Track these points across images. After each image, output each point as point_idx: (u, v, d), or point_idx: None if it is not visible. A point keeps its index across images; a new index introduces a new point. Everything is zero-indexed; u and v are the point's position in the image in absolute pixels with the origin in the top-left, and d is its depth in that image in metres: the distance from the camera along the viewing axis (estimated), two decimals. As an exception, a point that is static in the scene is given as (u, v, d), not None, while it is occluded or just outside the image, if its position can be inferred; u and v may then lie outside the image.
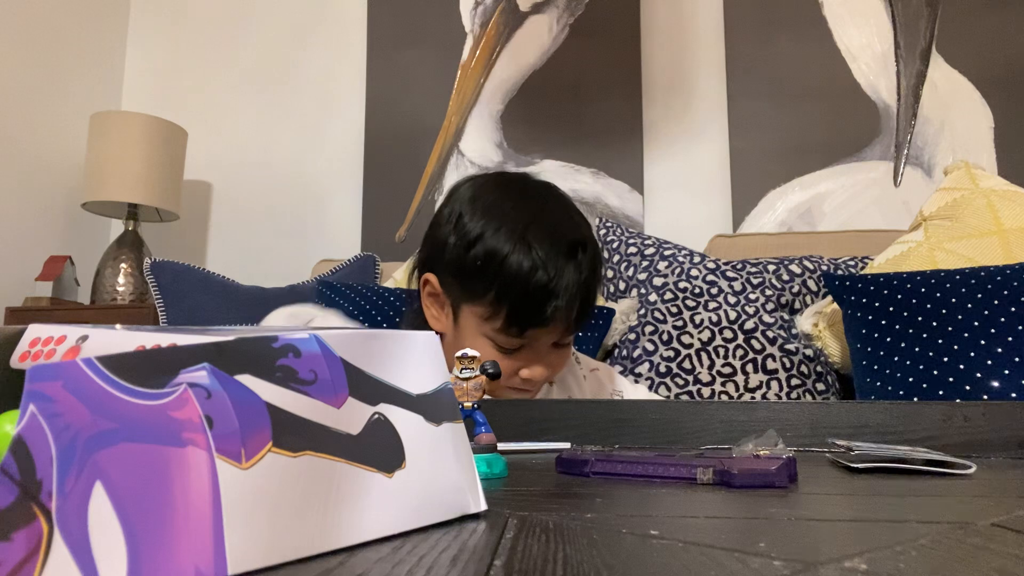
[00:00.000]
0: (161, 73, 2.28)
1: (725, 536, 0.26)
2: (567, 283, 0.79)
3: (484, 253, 0.79)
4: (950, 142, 1.81)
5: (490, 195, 0.84)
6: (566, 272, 0.79)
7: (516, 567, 0.21)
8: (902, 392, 1.06)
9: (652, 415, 0.65)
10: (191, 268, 1.68)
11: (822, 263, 1.40)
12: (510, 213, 0.81)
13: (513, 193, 0.85)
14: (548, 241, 0.79)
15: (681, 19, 2.02)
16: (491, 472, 0.42)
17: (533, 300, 0.78)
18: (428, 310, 0.88)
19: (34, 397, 0.19)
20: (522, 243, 0.79)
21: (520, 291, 0.78)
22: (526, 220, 0.80)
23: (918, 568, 0.21)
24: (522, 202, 0.83)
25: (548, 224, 0.81)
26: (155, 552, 0.19)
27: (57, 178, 2.06)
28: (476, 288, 0.80)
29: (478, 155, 2.04)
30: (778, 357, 1.24)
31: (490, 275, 0.79)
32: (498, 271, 0.78)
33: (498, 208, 0.82)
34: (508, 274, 0.78)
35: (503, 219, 0.81)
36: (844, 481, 0.42)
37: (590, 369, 1.02)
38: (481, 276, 0.80)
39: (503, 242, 0.79)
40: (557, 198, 0.87)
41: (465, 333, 0.85)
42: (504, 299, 0.79)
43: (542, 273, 0.78)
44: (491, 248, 0.79)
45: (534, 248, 0.78)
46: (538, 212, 0.82)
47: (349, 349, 0.26)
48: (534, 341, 0.83)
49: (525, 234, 0.79)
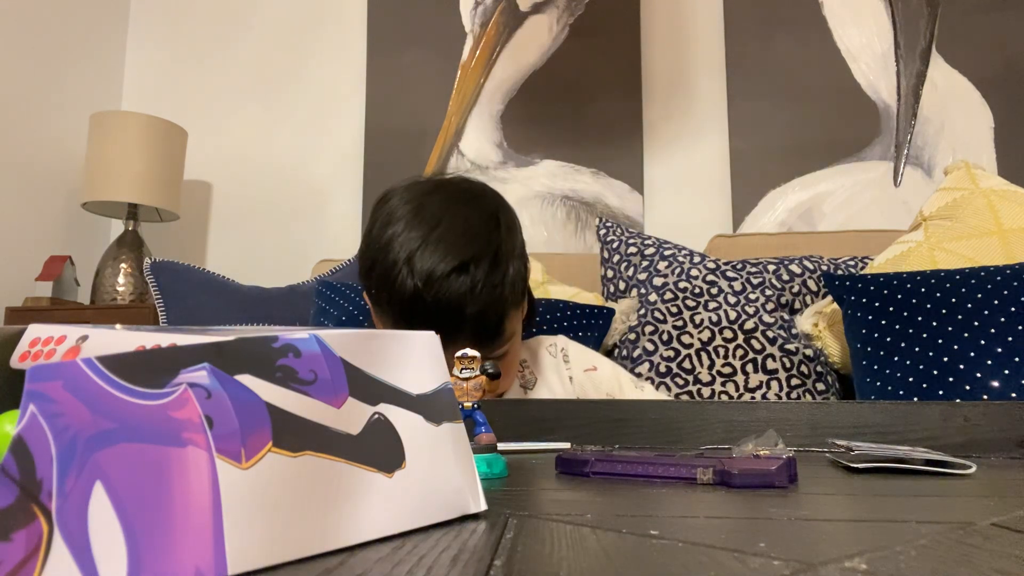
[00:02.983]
0: (161, 73, 2.28)
1: (725, 536, 0.26)
2: (451, 302, 0.82)
3: (376, 277, 0.86)
4: (950, 142, 1.81)
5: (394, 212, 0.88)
6: (450, 292, 0.82)
7: (516, 567, 0.21)
8: (902, 392, 1.06)
9: (652, 415, 0.65)
10: (191, 268, 1.68)
11: (822, 263, 1.40)
12: (400, 235, 0.85)
13: (410, 211, 0.88)
14: (431, 261, 0.83)
15: (681, 19, 2.02)
16: (491, 472, 0.42)
17: (423, 320, 0.82)
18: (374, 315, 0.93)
19: (34, 397, 0.19)
20: (407, 266, 0.83)
21: (408, 312, 0.83)
22: (414, 244, 0.84)
23: (918, 568, 0.21)
24: (415, 221, 0.86)
25: (436, 243, 0.84)
26: (155, 552, 0.19)
27: (57, 178, 2.06)
28: (380, 303, 0.87)
29: (478, 155, 2.04)
30: (778, 357, 1.24)
31: (384, 296, 0.85)
32: (389, 294, 0.84)
33: (394, 228, 0.87)
34: (396, 298, 0.83)
35: (396, 241, 0.85)
36: (844, 481, 0.42)
37: (584, 369, 1.00)
38: (377, 296, 0.87)
39: (391, 267, 0.84)
40: (457, 213, 0.88)
41: None
42: (400, 319, 0.84)
43: (423, 295, 0.82)
44: (381, 273, 0.85)
45: (416, 271, 0.82)
46: (428, 233, 0.85)
47: (349, 349, 0.26)
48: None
49: (411, 258, 0.83)
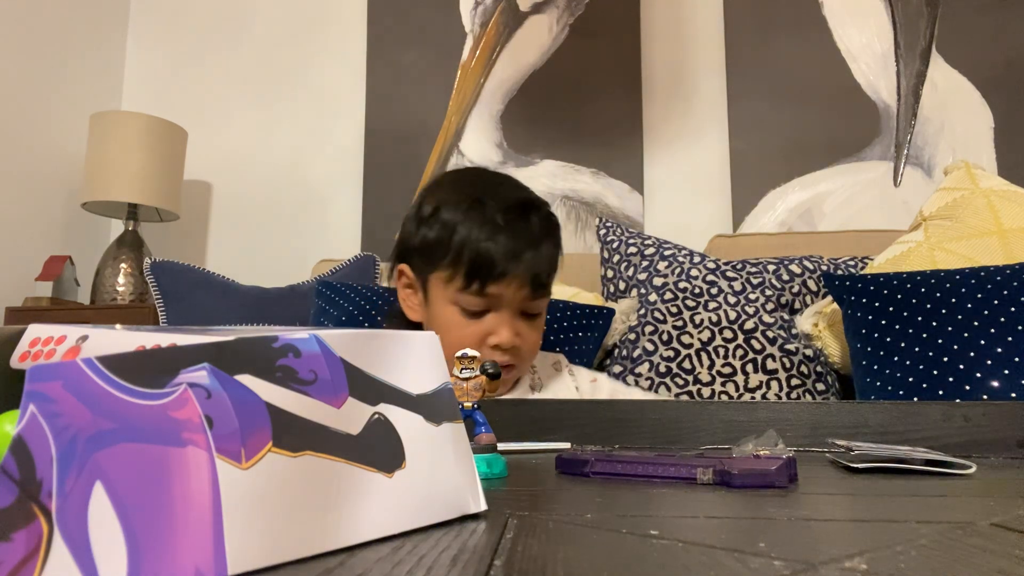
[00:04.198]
0: (161, 73, 2.28)
1: (725, 536, 0.26)
2: (520, 238, 0.86)
3: (442, 220, 0.88)
4: (950, 142, 1.81)
5: (445, 181, 0.95)
6: (518, 228, 0.87)
7: (516, 567, 0.21)
8: (902, 392, 1.06)
9: (652, 415, 0.65)
10: (191, 268, 1.68)
11: (822, 263, 1.40)
12: (464, 188, 0.91)
13: (467, 176, 0.95)
14: (500, 204, 0.88)
15: (681, 19, 2.02)
16: (491, 472, 0.42)
17: (487, 253, 0.85)
18: (405, 303, 0.94)
19: (34, 397, 0.19)
20: (476, 205, 0.87)
21: (474, 246, 0.85)
22: (479, 191, 0.90)
23: (918, 568, 0.21)
24: (476, 180, 0.93)
25: (500, 193, 0.90)
26: (155, 552, 0.19)
27: (57, 178, 2.06)
28: (437, 253, 0.87)
29: (478, 155, 2.04)
30: (778, 357, 1.24)
31: (448, 237, 0.87)
32: (454, 232, 0.86)
33: (452, 186, 0.92)
34: (463, 232, 0.86)
35: (458, 193, 0.90)
36: (844, 481, 0.42)
37: (590, 380, 1.03)
38: (440, 241, 0.87)
39: (458, 208, 0.88)
40: (510, 180, 0.96)
41: (435, 305, 0.90)
42: (462, 256, 0.86)
43: (494, 228, 0.85)
44: (448, 215, 0.88)
45: (487, 207, 0.87)
46: (490, 186, 0.92)
47: (349, 349, 0.26)
48: (498, 303, 0.88)
49: (479, 198, 0.88)
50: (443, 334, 0.87)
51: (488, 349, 0.87)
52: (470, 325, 0.87)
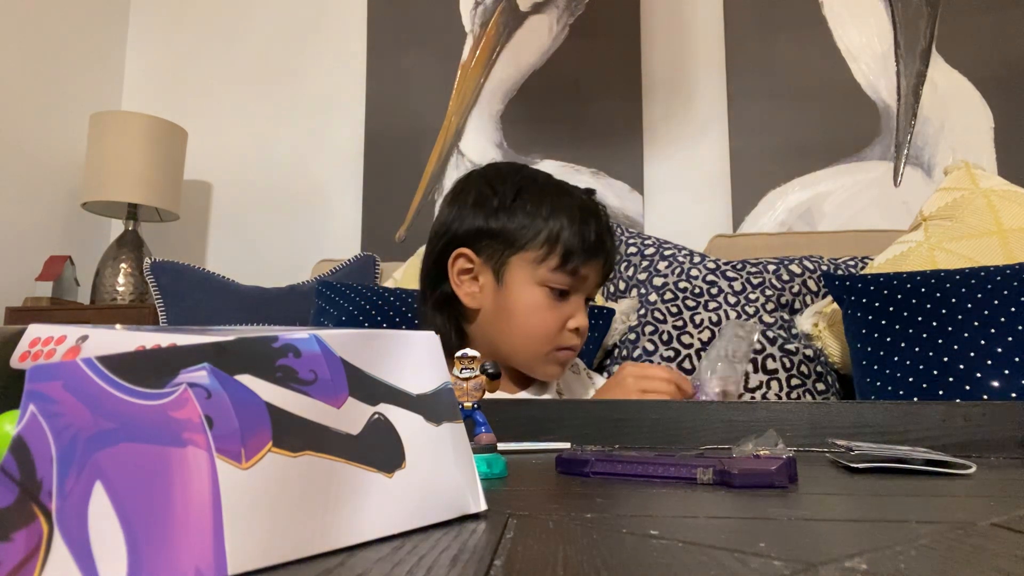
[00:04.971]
0: (161, 73, 2.28)
1: (725, 536, 0.26)
2: (601, 228, 0.92)
3: (530, 205, 0.90)
4: (950, 142, 1.81)
5: (504, 169, 0.96)
6: (599, 219, 0.92)
7: (516, 567, 0.21)
8: (902, 392, 1.06)
9: (652, 415, 0.65)
10: (191, 268, 1.68)
11: (822, 263, 1.40)
12: (533, 174, 0.95)
13: (524, 169, 0.97)
14: (578, 194, 0.93)
15: (681, 19, 2.02)
16: (491, 472, 0.42)
17: (583, 235, 0.89)
18: (461, 288, 0.93)
19: (34, 397, 0.19)
20: (563, 193, 0.92)
21: (572, 228, 0.89)
22: (549, 179, 0.94)
23: (918, 568, 0.21)
24: (535, 172, 0.96)
25: (566, 187, 0.95)
26: (155, 552, 0.19)
27: (57, 178, 2.06)
28: (527, 233, 0.90)
29: (478, 155, 2.04)
30: (778, 357, 1.24)
31: (543, 219, 0.89)
32: (550, 215, 0.89)
33: (519, 173, 0.95)
34: (560, 216, 0.89)
35: (532, 177, 0.94)
36: (844, 481, 0.42)
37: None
38: (529, 223, 0.90)
39: (544, 194, 0.91)
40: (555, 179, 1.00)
41: (514, 287, 0.91)
42: (560, 237, 0.89)
43: (584, 213, 0.90)
44: (536, 196, 0.91)
45: (573, 195, 0.92)
46: (551, 178, 0.95)
47: (349, 349, 0.26)
48: (579, 285, 0.92)
49: (559, 184, 0.93)
50: (527, 316, 0.90)
51: (567, 334, 0.91)
52: (554, 308, 0.90)
